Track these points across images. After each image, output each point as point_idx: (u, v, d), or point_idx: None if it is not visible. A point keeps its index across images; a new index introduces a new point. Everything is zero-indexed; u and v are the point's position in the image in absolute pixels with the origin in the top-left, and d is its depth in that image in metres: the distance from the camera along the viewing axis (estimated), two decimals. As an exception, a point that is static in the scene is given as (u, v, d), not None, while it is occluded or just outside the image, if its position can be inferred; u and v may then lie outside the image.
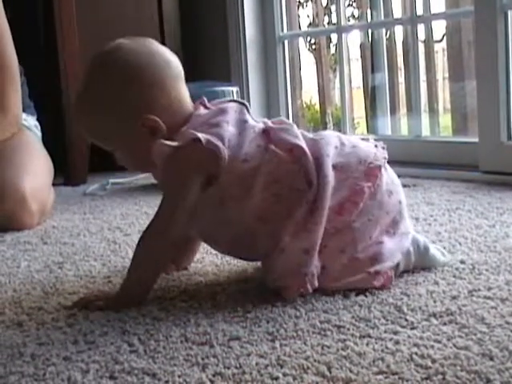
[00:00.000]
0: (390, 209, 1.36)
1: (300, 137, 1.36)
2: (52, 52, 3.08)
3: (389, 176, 1.39)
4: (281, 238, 1.30)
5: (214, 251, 1.62)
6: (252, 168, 1.32)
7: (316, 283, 1.28)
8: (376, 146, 1.41)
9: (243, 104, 1.40)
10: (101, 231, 2.04)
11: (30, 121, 2.47)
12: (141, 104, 1.34)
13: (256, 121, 1.40)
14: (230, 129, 1.33)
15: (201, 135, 1.29)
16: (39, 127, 2.51)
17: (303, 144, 1.35)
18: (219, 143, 1.29)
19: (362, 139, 1.44)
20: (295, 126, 1.39)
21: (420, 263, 1.42)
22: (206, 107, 1.39)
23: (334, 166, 1.33)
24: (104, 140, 1.40)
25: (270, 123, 1.40)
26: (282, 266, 1.30)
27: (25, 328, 1.26)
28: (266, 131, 1.37)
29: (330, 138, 1.39)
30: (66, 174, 3.05)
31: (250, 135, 1.35)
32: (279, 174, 1.32)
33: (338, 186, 1.32)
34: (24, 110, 2.38)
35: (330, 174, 1.31)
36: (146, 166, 1.39)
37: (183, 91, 1.39)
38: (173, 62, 1.39)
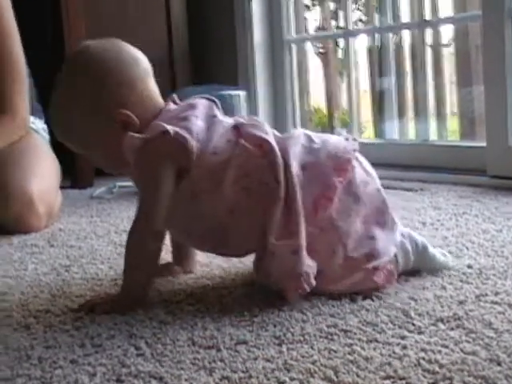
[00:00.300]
0: (369, 199, 1.36)
1: (270, 133, 1.38)
2: (60, 57, 3.08)
3: (362, 167, 1.38)
4: (264, 237, 1.31)
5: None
6: (222, 161, 1.33)
7: (313, 282, 1.27)
8: (347, 139, 1.40)
9: (213, 100, 1.42)
10: (108, 234, 2.05)
11: (38, 124, 2.47)
12: (111, 103, 1.36)
13: (226, 118, 1.42)
14: (198, 123, 1.35)
15: (169, 127, 1.31)
16: (47, 130, 2.51)
17: (272, 140, 1.35)
18: (187, 135, 1.31)
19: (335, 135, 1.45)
20: (266, 124, 1.41)
21: (420, 262, 1.42)
22: (175, 103, 1.42)
23: (304, 166, 1.34)
24: (79, 141, 1.42)
25: (240, 119, 1.42)
26: (276, 270, 1.30)
27: (32, 331, 1.26)
28: (236, 127, 1.39)
29: (298, 136, 1.40)
30: (73, 176, 3.06)
31: (220, 130, 1.37)
32: (249, 168, 1.33)
33: (309, 184, 1.32)
34: (32, 113, 2.38)
35: (296, 174, 1.32)
36: (121, 164, 1.39)
37: (153, 88, 1.42)
38: (140, 59, 1.42)
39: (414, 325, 1.16)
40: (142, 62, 1.41)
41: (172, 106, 1.41)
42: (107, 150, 1.39)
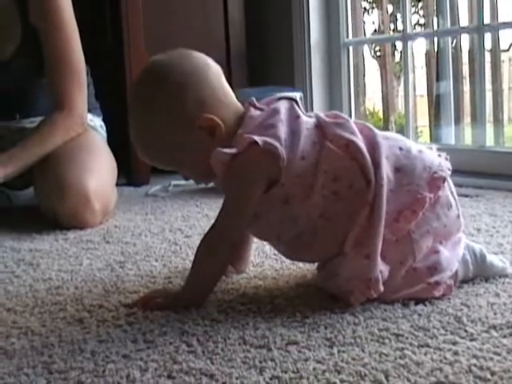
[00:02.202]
0: (449, 223, 1.34)
1: (356, 132, 1.35)
2: (119, 55, 3.11)
3: (449, 188, 1.37)
4: (344, 241, 1.30)
5: (273, 255, 1.62)
6: (310, 166, 1.31)
7: (381, 288, 1.27)
8: (439, 155, 1.39)
9: (293, 100, 1.40)
10: (162, 232, 2.06)
11: (96, 121, 2.50)
12: (194, 110, 1.33)
13: (308, 115, 1.39)
14: (284, 128, 1.32)
15: (258, 138, 1.29)
16: (104, 128, 2.54)
17: (359, 140, 1.33)
18: (277, 143, 1.29)
19: (427, 148, 1.42)
20: (351, 121, 1.38)
21: (479, 272, 1.41)
22: (256, 107, 1.39)
23: (399, 169, 1.32)
24: (169, 158, 1.39)
25: (323, 117, 1.39)
26: (345, 272, 1.30)
27: (85, 325, 1.28)
28: (319, 126, 1.36)
29: (395, 139, 1.38)
30: (128, 174, 3.08)
31: (305, 132, 1.34)
32: (337, 172, 1.31)
33: (399, 190, 1.30)
34: (90, 111, 2.41)
35: (385, 176, 1.30)
36: (210, 175, 1.37)
37: (228, 89, 1.40)
38: (210, 62, 1.40)
39: (466, 331, 1.15)
40: (212, 65, 1.39)
41: (253, 111, 1.37)
42: (197, 163, 1.37)
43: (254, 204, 1.31)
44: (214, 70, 1.39)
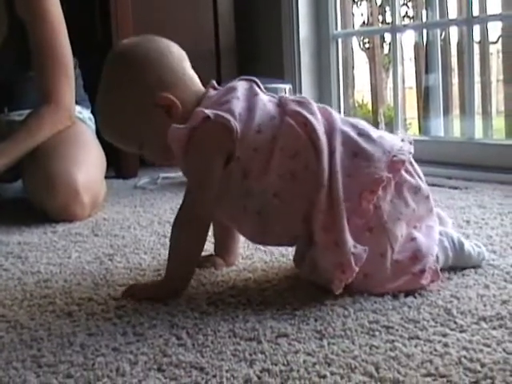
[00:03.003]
0: (417, 206, 1.34)
1: (317, 114, 1.36)
2: (108, 47, 3.10)
3: (415, 171, 1.37)
4: (307, 227, 1.31)
5: (263, 248, 1.62)
6: (267, 140, 1.32)
7: (355, 269, 1.25)
8: (402, 140, 1.39)
9: (253, 80, 1.42)
10: (151, 225, 2.06)
11: (85, 113, 2.49)
12: (153, 88, 1.37)
13: (270, 95, 1.41)
14: (239, 104, 1.35)
15: (209, 112, 1.31)
16: (93, 120, 2.53)
17: (317, 122, 1.34)
18: (229, 116, 1.31)
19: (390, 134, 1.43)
20: (315, 104, 1.39)
21: (457, 259, 1.41)
22: (215, 89, 1.42)
23: (356, 153, 1.32)
24: (129, 138, 1.43)
25: (285, 96, 1.41)
26: (321, 262, 1.30)
27: (75, 318, 1.27)
28: (280, 105, 1.38)
29: (357, 123, 1.39)
30: (117, 166, 3.08)
31: (262, 107, 1.36)
32: (295, 149, 1.33)
33: (357, 174, 1.30)
34: (79, 103, 2.40)
35: (340, 161, 1.30)
36: (170, 155, 1.39)
37: (191, 72, 1.44)
38: (173, 45, 1.44)
39: (456, 323, 1.15)
40: (174, 48, 1.44)
41: (212, 91, 1.41)
42: (157, 142, 1.39)
43: (216, 177, 1.33)
44: (177, 54, 1.43)
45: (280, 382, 0.98)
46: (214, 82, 1.44)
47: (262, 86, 1.42)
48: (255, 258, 1.60)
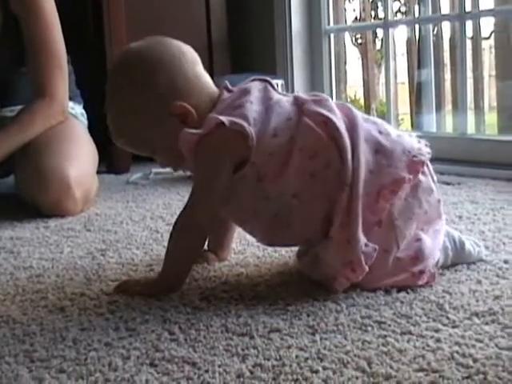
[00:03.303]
0: (430, 209, 1.34)
1: (335, 111, 1.34)
2: (100, 43, 3.10)
3: (430, 173, 1.37)
4: (327, 224, 1.30)
5: (255, 243, 1.62)
6: (284, 143, 1.31)
7: (365, 268, 1.26)
8: (419, 141, 1.39)
9: (266, 81, 1.40)
10: (143, 220, 2.06)
11: (77, 109, 2.49)
12: (166, 96, 1.35)
13: (285, 95, 1.40)
14: (254, 107, 1.32)
15: (224, 118, 1.29)
16: (85, 115, 2.53)
17: (337, 119, 1.33)
18: (243, 122, 1.29)
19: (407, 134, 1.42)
20: (331, 100, 1.38)
21: (457, 258, 1.42)
22: (229, 91, 1.39)
23: (378, 150, 1.31)
24: (142, 143, 1.41)
25: (301, 95, 1.39)
26: (328, 256, 1.30)
27: (67, 313, 1.27)
28: (296, 104, 1.36)
29: (376, 122, 1.38)
30: (109, 161, 3.07)
31: (278, 110, 1.34)
32: (314, 150, 1.31)
33: (378, 171, 1.30)
34: (71, 99, 2.40)
35: (363, 158, 1.29)
36: (182, 160, 1.37)
37: (205, 77, 1.41)
38: (186, 49, 1.41)
39: (448, 318, 1.15)
40: (188, 52, 1.40)
41: (226, 94, 1.38)
42: (171, 149, 1.36)
43: (222, 180, 1.31)
44: (190, 58, 1.40)
45: (272, 376, 0.98)
46: (227, 83, 1.40)
47: (275, 86, 1.40)
48: (248, 252, 1.60)
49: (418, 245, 1.32)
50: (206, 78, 1.41)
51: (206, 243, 1.56)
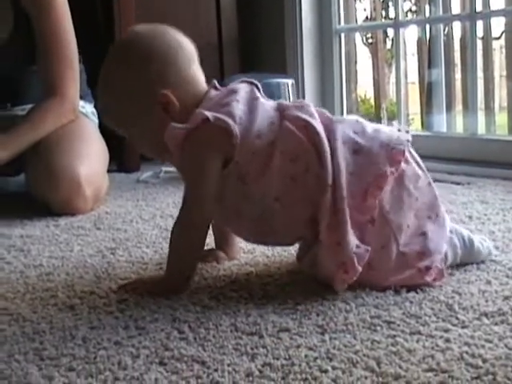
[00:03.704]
0: (420, 193, 1.34)
1: (315, 115, 1.36)
2: (110, 41, 3.10)
3: (414, 159, 1.37)
4: (312, 226, 1.31)
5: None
6: (267, 145, 1.32)
7: (358, 269, 1.26)
8: (399, 130, 1.39)
9: (254, 84, 1.42)
10: (153, 218, 2.06)
11: (88, 108, 2.49)
12: (154, 82, 1.36)
13: (268, 100, 1.41)
14: (240, 107, 1.34)
15: (209, 114, 1.30)
16: (96, 114, 2.53)
17: (317, 123, 1.34)
18: (229, 120, 1.31)
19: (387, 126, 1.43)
20: (312, 106, 1.39)
21: (466, 257, 1.42)
22: (216, 89, 1.41)
23: (356, 151, 1.32)
24: (125, 124, 1.42)
25: (284, 102, 1.42)
26: (323, 260, 1.30)
27: (77, 311, 1.28)
28: (279, 109, 1.38)
29: (351, 121, 1.39)
30: (120, 160, 3.08)
31: (262, 112, 1.36)
32: (295, 153, 1.32)
33: (359, 171, 1.30)
34: (82, 97, 2.40)
35: (342, 160, 1.30)
36: (164, 150, 1.38)
37: (196, 73, 1.42)
38: (185, 43, 1.42)
39: (457, 318, 1.15)
40: (186, 46, 1.41)
41: (213, 92, 1.40)
42: (152, 135, 1.39)
43: (212, 175, 1.32)
44: (186, 53, 1.41)
45: (281, 376, 0.98)
46: (216, 82, 1.43)
47: (261, 90, 1.42)
48: (257, 252, 1.60)
49: (423, 239, 1.32)
50: (199, 75, 1.42)
51: (214, 242, 1.56)
